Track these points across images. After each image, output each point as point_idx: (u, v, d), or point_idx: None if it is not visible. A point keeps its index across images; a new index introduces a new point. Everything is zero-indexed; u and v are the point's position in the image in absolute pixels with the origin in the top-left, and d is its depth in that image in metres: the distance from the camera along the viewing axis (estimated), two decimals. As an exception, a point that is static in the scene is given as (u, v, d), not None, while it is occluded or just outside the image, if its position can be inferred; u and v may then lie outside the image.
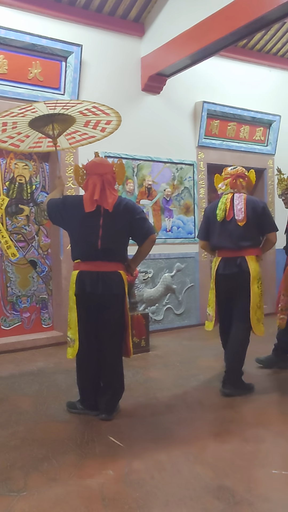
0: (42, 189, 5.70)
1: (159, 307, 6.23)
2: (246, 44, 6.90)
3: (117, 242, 3.20)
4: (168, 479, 2.43)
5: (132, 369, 4.39)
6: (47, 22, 5.29)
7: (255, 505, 2.17)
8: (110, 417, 3.22)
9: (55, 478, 2.45)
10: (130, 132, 5.89)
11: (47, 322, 5.75)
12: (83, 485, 2.38)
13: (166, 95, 6.26)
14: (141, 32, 5.99)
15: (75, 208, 3.22)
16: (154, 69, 5.85)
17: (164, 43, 5.64)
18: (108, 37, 5.79)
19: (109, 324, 3.21)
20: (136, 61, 6.03)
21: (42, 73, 5.24)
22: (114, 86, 5.82)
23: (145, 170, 6.11)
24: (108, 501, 2.23)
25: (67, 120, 3.53)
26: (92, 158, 3.37)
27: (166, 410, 3.44)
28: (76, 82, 5.41)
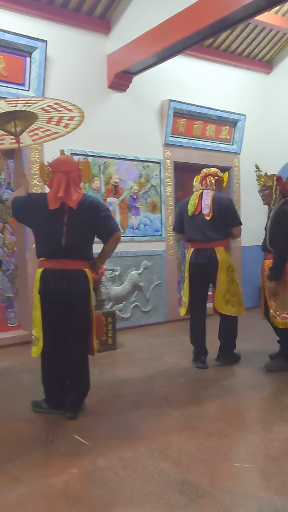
0: (7, 186, 5.61)
1: (126, 304, 6.24)
2: (212, 44, 6.97)
3: (81, 240, 3.18)
4: (132, 476, 2.44)
5: (99, 367, 4.38)
6: (11, 17, 5.21)
7: (217, 498, 2.21)
8: (75, 415, 3.21)
9: (19, 478, 2.43)
10: (97, 129, 5.87)
11: (13, 321, 5.67)
12: (47, 485, 2.36)
13: (133, 92, 6.26)
14: (107, 29, 5.97)
15: (39, 206, 3.20)
16: (120, 66, 5.84)
17: (130, 41, 5.64)
18: (73, 33, 5.74)
19: (74, 322, 3.19)
20: (102, 58, 6.00)
21: (6, 68, 5.15)
22: (80, 83, 5.78)
23: (111, 167, 6.10)
24: (72, 499, 2.22)
25: (29, 117, 3.49)
26: (58, 156, 3.34)
27: (132, 407, 3.45)
28: (41, 78, 5.35)
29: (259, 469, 2.49)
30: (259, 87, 7.79)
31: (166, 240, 6.65)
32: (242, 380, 4.02)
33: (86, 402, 3.37)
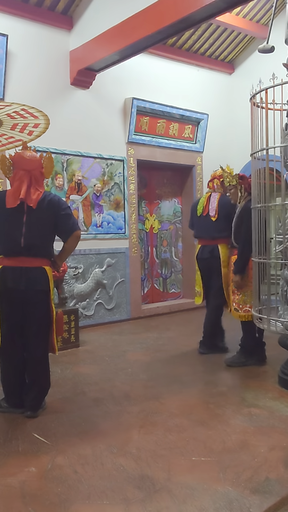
0: None
1: (89, 302, 6.23)
2: (175, 43, 7.03)
3: (40, 238, 3.16)
4: (91, 473, 2.45)
5: (60, 365, 4.36)
6: None
7: (174, 491, 2.25)
8: (35, 414, 3.20)
9: (-25, 478, 2.41)
10: (60, 126, 5.82)
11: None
12: (3, 484, 2.35)
13: (96, 90, 6.24)
14: (70, 25, 5.93)
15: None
16: (83, 63, 5.81)
17: (92, 38, 5.62)
18: (35, 28, 5.68)
19: (34, 320, 3.17)
20: (65, 54, 5.96)
21: None
22: (42, 79, 5.72)
23: (74, 165, 6.07)
24: (28, 498, 2.22)
25: None
26: (20, 149, 3.30)
27: (93, 404, 3.46)
28: (1, 73, 5.27)
29: (215, 462, 2.54)
30: (221, 87, 7.90)
31: (129, 238, 6.67)
32: (202, 376, 4.09)
33: (47, 400, 3.37)
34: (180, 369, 4.30)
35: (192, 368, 4.32)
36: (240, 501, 2.16)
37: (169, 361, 4.57)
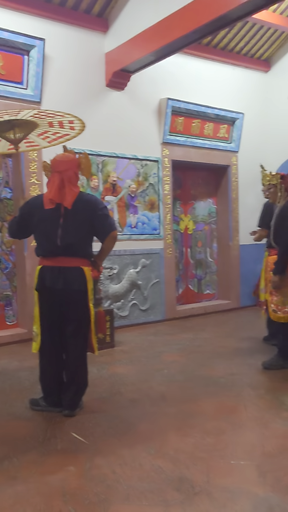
0: (5, 184, 5.61)
1: (124, 303, 6.25)
2: (210, 42, 6.97)
3: (78, 238, 3.18)
4: (129, 473, 2.45)
5: (97, 365, 4.39)
6: (9, 15, 5.21)
7: (213, 495, 2.22)
8: (73, 413, 3.22)
9: (16, 476, 2.44)
10: (95, 128, 5.86)
11: (11, 319, 5.68)
12: (43, 482, 2.37)
13: (131, 91, 6.26)
14: (105, 28, 5.96)
15: (34, 208, 3.23)
16: (118, 65, 5.84)
17: (128, 39, 5.64)
18: (71, 31, 5.74)
19: (72, 320, 3.20)
20: (100, 56, 6.00)
21: (4, 67, 5.15)
22: (78, 81, 5.78)
23: (110, 166, 6.10)
24: (68, 496, 2.23)
25: (28, 127, 3.49)
26: (58, 154, 3.34)
27: (130, 405, 3.46)
28: (39, 77, 5.35)
29: (255, 466, 2.50)
30: (257, 85, 7.79)
31: (164, 239, 6.65)
32: (239, 378, 4.03)
33: (84, 400, 3.39)
34: (217, 371, 4.25)
35: (229, 370, 4.26)
36: (282, 507, 2.12)
37: (206, 362, 4.53)
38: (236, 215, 7.56)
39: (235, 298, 7.56)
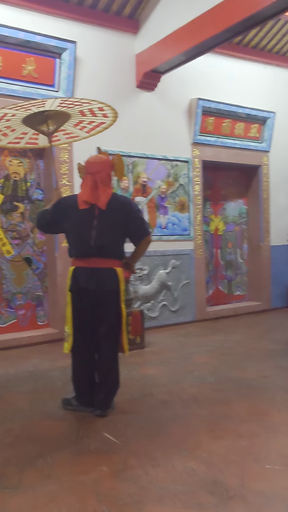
0: (37, 186, 5.69)
1: (154, 304, 6.24)
2: (241, 41, 6.90)
3: (111, 239, 3.20)
4: (162, 475, 2.44)
5: (127, 366, 4.39)
6: (41, 19, 5.28)
7: (248, 499, 2.19)
8: (105, 413, 3.23)
9: (50, 474, 2.46)
10: (125, 129, 5.89)
11: (42, 320, 5.75)
12: (77, 481, 2.39)
13: (161, 92, 6.25)
14: (136, 29, 5.98)
15: (69, 208, 3.24)
16: (149, 66, 5.84)
17: (158, 40, 5.64)
18: (102, 33, 5.78)
19: (104, 320, 3.22)
20: (131, 58, 6.02)
21: (37, 70, 5.23)
22: (108, 83, 5.81)
23: (140, 167, 6.11)
24: (102, 496, 2.24)
25: (61, 119, 3.51)
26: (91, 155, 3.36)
27: (161, 406, 3.45)
28: (70, 79, 5.40)
29: (290, 471, 2.45)
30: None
31: (194, 239, 6.62)
32: (272, 381, 3.97)
33: (116, 400, 3.40)
34: (249, 373, 4.20)
35: (260, 373, 4.20)
36: None
37: (237, 364, 4.48)
38: (267, 216, 7.46)
39: (266, 300, 7.46)
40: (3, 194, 5.45)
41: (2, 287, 5.47)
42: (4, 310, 5.48)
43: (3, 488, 2.33)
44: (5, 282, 5.49)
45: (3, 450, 2.75)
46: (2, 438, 2.93)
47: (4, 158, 5.45)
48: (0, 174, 5.45)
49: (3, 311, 5.48)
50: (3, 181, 5.46)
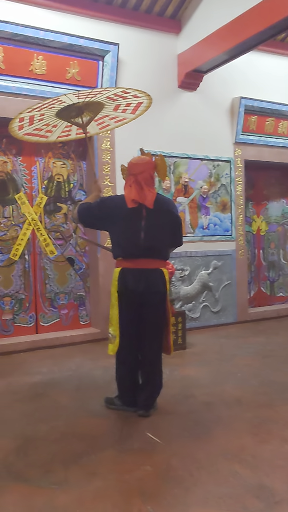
0: (79, 187, 5.77)
1: (195, 304, 6.21)
2: (284, 38, 6.77)
3: (159, 240, 3.20)
4: (206, 477, 2.42)
5: (169, 366, 4.38)
6: (84, 22, 5.35)
7: (296, 505, 2.15)
8: (148, 413, 3.24)
9: (95, 472, 2.49)
10: (167, 129, 5.89)
11: (84, 319, 5.83)
12: (122, 480, 2.40)
13: (203, 91, 6.22)
14: (178, 29, 5.97)
15: (116, 207, 3.23)
16: (191, 65, 5.82)
17: (200, 39, 5.61)
18: (144, 35, 5.80)
19: (150, 321, 3.22)
20: (173, 58, 6.01)
21: (80, 73, 5.30)
22: (150, 83, 5.81)
23: (181, 167, 6.10)
24: (147, 496, 2.24)
25: (95, 107, 3.53)
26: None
27: (204, 408, 3.43)
28: (113, 81, 5.45)
29: None
30: None
31: (236, 240, 6.54)
32: None
33: (158, 401, 3.40)
34: (294, 376, 4.12)
35: (306, 377, 4.11)
36: None
37: (280, 367, 4.40)
38: (311, 216, 7.29)
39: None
40: (47, 196, 5.56)
41: (45, 286, 5.58)
42: (47, 310, 5.59)
43: (50, 484, 2.38)
44: (48, 282, 5.59)
45: (49, 447, 2.81)
46: (48, 434, 2.99)
47: (48, 160, 5.56)
48: (44, 176, 5.56)
49: (47, 310, 5.59)
50: (46, 182, 5.57)
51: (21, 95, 5.06)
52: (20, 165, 5.41)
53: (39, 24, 4.99)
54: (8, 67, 4.93)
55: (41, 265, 5.56)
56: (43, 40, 4.98)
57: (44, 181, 5.55)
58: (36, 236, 5.51)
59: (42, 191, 5.53)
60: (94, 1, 5.37)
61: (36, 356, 4.98)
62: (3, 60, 4.88)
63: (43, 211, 5.54)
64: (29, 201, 5.46)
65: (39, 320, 5.54)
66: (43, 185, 5.55)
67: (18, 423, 3.18)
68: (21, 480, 2.43)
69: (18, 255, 5.39)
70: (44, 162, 5.54)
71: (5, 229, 5.33)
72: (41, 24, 5.01)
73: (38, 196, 5.51)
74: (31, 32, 4.88)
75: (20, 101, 5.03)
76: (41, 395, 3.76)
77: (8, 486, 2.37)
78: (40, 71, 5.09)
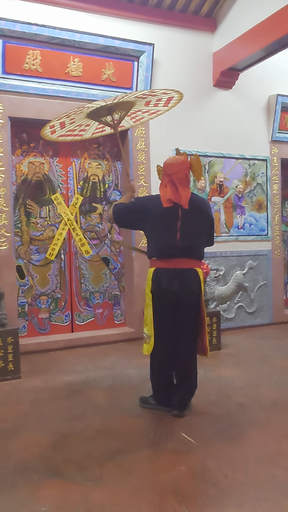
0: (114, 187, 5.81)
1: (230, 305, 6.16)
2: None
3: (195, 240, 3.19)
4: (242, 479, 2.40)
5: (203, 367, 4.36)
6: (119, 23, 5.38)
7: None
8: (182, 413, 3.24)
9: (130, 470, 2.51)
10: (202, 129, 5.86)
11: (119, 318, 5.87)
12: (156, 479, 2.41)
13: (239, 89, 6.16)
14: (213, 27, 5.93)
15: (151, 207, 3.23)
16: (226, 64, 5.77)
17: (236, 37, 5.55)
18: (179, 34, 5.79)
19: (185, 321, 3.21)
20: (208, 57, 5.98)
21: (115, 74, 5.34)
22: (185, 83, 5.80)
23: (216, 166, 6.05)
24: (182, 496, 2.24)
25: (126, 105, 3.53)
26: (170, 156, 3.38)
27: (239, 409, 3.39)
28: (148, 81, 5.47)
29: None
30: None
31: (272, 240, 6.45)
32: None
33: (193, 401, 3.39)
34: None
35: None
36: None
37: None
38: None
39: None
40: (82, 196, 5.62)
41: (80, 286, 5.65)
42: (83, 309, 5.66)
43: (85, 480, 2.41)
44: (83, 281, 5.66)
45: (84, 444, 2.84)
46: (83, 432, 3.03)
47: (84, 161, 5.62)
48: (80, 176, 5.63)
49: (82, 309, 5.65)
50: (82, 183, 5.64)
51: (58, 97, 5.14)
52: (56, 166, 5.50)
53: (75, 26, 5.06)
54: (45, 70, 5.02)
55: (77, 265, 5.63)
56: (79, 42, 5.04)
57: (79, 182, 5.62)
58: (72, 236, 5.58)
59: (78, 191, 5.60)
60: (129, 2, 5.40)
61: (71, 354, 5.05)
62: (41, 63, 4.98)
63: (79, 211, 5.61)
64: (65, 202, 5.54)
65: (75, 319, 5.62)
66: (79, 185, 5.62)
67: (55, 420, 3.24)
68: (58, 475, 2.47)
69: (54, 254, 5.47)
70: (80, 163, 5.61)
71: (41, 229, 5.43)
72: (77, 26, 5.07)
73: (74, 196, 5.59)
74: (67, 35, 4.96)
75: (57, 103, 5.12)
76: (76, 392, 3.81)
77: (45, 481, 2.41)
78: (76, 73, 5.16)
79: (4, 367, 4.18)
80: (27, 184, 5.36)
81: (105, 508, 2.16)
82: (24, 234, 5.34)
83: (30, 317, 5.40)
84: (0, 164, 4.88)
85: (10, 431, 3.07)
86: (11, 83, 4.90)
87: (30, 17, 4.86)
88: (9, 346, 4.21)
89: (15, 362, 4.22)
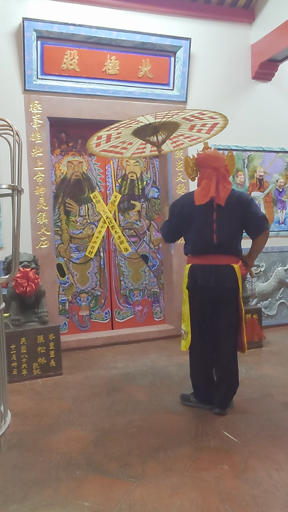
0: (152, 184, 5.80)
1: (272, 301, 6.04)
2: None
3: (230, 236, 3.13)
4: (286, 480, 2.34)
5: (245, 365, 4.30)
6: (156, 19, 5.36)
7: None
8: (224, 412, 3.20)
9: (171, 468, 2.49)
10: (241, 122, 5.76)
11: (158, 316, 5.86)
12: (199, 478, 2.39)
13: (278, 81, 6.02)
14: (251, 19, 5.82)
15: (185, 207, 3.22)
16: (265, 55, 5.65)
17: (275, 28, 5.42)
18: (216, 27, 5.70)
19: (222, 318, 3.17)
20: (246, 49, 5.87)
21: (152, 70, 5.32)
22: (223, 76, 5.73)
23: (256, 161, 5.94)
24: (224, 495, 2.21)
25: (171, 126, 3.58)
26: (204, 150, 3.32)
27: (283, 408, 3.32)
28: (184, 76, 5.42)
29: None
30: None
31: None
32: None
33: (234, 399, 3.34)
34: None
35: None
36: None
37: None
38: None
39: None
40: (121, 194, 5.64)
41: (120, 283, 5.67)
42: (122, 306, 5.68)
43: (127, 477, 2.41)
44: (123, 279, 5.68)
45: (126, 440, 2.85)
46: (125, 428, 3.03)
47: (121, 159, 5.64)
48: (118, 174, 5.65)
49: (121, 306, 5.68)
50: (120, 180, 5.66)
51: (95, 96, 5.17)
52: (94, 164, 5.54)
53: (112, 25, 5.07)
54: (82, 69, 5.06)
55: (116, 262, 5.66)
56: (116, 40, 5.05)
57: (117, 180, 5.64)
58: (111, 234, 5.61)
59: (116, 189, 5.62)
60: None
61: (111, 351, 5.08)
62: (78, 63, 5.02)
63: (117, 209, 5.63)
64: (103, 200, 5.57)
65: (114, 316, 5.65)
66: (117, 183, 5.64)
67: (96, 416, 3.26)
68: (100, 471, 2.49)
69: (94, 252, 5.52)
70: (118, 161, 5.63)
71: (81, 227, 5.48)
72: (114, 24, 5.08)
73: (112, 194, 5.61)
74: (104, 33, 4.98)
75: (94, 101, 5.15)
76: (117, 389, 3.83)
77: (88, 477, 2.43)
78: (113, 71, 5.18)
79: (46, 364, 4.25)
80: (66, 183, 5.42)
81: (147, 505, 2.15)
82: (64, 232, 5.41)
83: (71, 315, 5.46)
84: (40, 164, 4.96)
85: (53, 427, 3.11)
86: (49, 84, 4.97)
87: (67, 18, 4.91)
88: (51, 343, 4.27)
89: (57, 359, 4.29)
